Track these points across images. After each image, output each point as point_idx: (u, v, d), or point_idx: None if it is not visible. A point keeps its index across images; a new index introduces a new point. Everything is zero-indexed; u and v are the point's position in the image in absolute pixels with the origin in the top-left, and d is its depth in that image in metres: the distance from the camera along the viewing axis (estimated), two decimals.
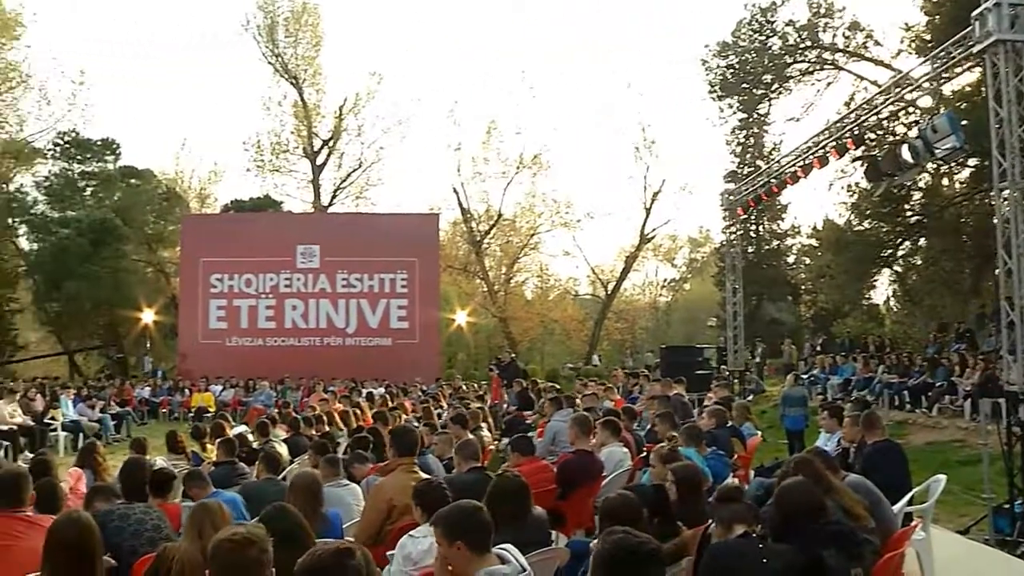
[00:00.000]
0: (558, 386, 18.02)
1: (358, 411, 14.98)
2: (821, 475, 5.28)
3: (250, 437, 12.15)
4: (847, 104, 28.86)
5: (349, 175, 43.41)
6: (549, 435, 10.79)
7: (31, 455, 15.04)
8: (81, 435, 17.94)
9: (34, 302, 40.60)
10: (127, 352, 37.00)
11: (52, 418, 18.29)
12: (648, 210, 41.40)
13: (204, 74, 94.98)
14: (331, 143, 42.79)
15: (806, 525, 4.56)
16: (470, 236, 42.68)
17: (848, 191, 30.57)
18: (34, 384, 22.11)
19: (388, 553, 5.24)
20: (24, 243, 40.95)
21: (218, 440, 9.89)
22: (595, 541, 3.51)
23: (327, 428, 12.64)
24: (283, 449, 10.95)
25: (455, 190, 41.73)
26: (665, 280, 55.66)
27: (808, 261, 41.66)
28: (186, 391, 25.72)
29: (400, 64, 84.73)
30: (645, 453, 8.82)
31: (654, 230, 42.60)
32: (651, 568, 3.07)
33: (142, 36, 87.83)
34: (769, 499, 5.25)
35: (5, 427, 16.35)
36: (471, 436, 11.00)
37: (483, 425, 12.89)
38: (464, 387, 23.34)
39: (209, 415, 20.09)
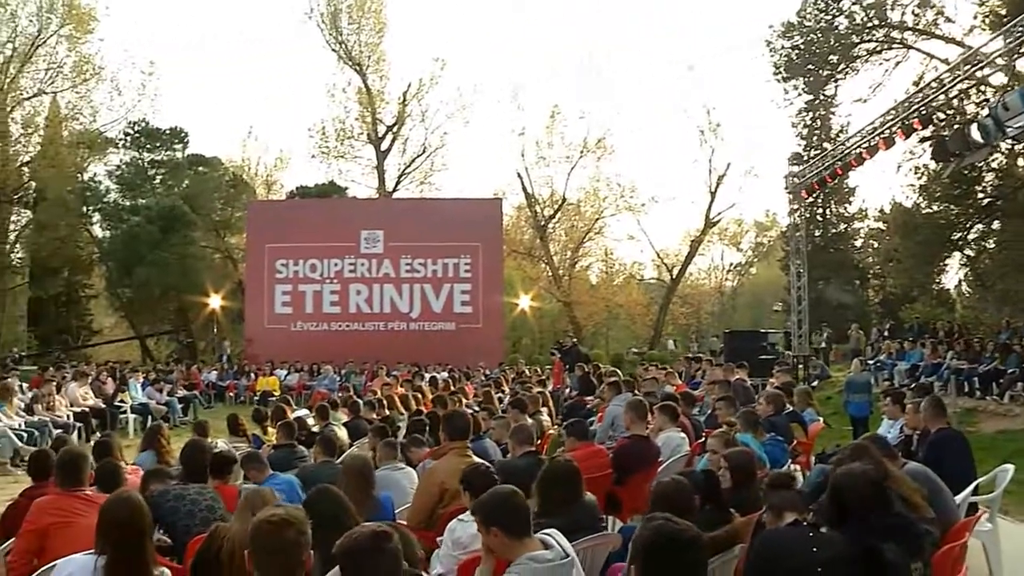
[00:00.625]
0: (619, 371, 17.86)
1: (419, 395, 15.02)
2: (878, 462, 5.11)
3: (311, 421, 12.26)
4: (916, 83, 28.15)
5: (413, 161, 43.58)
6: (608, 420, 10.68)
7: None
8: (149, 417, 18.25)
9: (107, 288, 41.63)
10: (196, 337, 37.58)
11: (122, 401, 18.64)
12: (713, 194, 41.05)
13: (270, 62, 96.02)
14: (395, 129, 42.93)
15: (864, 515, 4.38)
16: (534, 221, 42.60)
17: (916, 173, 29.92)
18: (105, 368, 22.53)
19: (439, 538, 5.22)
20: (98, 231, 42.01)
21: (278, 423, 9.94)
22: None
23: (387, 412, 12.66)
24: (343, 433, 11.02)
25: (519, 175, 41.77)
26: (731, 264, 55.19)
27: (876, 245, 40.91)
28: (252, 375, 26.01)
29: (463, 49, 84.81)
30: (704, 439, 8.69)
31: (719, 214, 42.24)
32: (691, 555, 2.99)
33: (209, 26, 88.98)
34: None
35: (78, 409, 16.73)
36: (530, 420, 11.03)
37: (543, 410, 12.84)
38: (527, 372, 23.29)
39: (274, 399, 20.27)
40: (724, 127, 41.47)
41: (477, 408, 12.52)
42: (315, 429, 11.22)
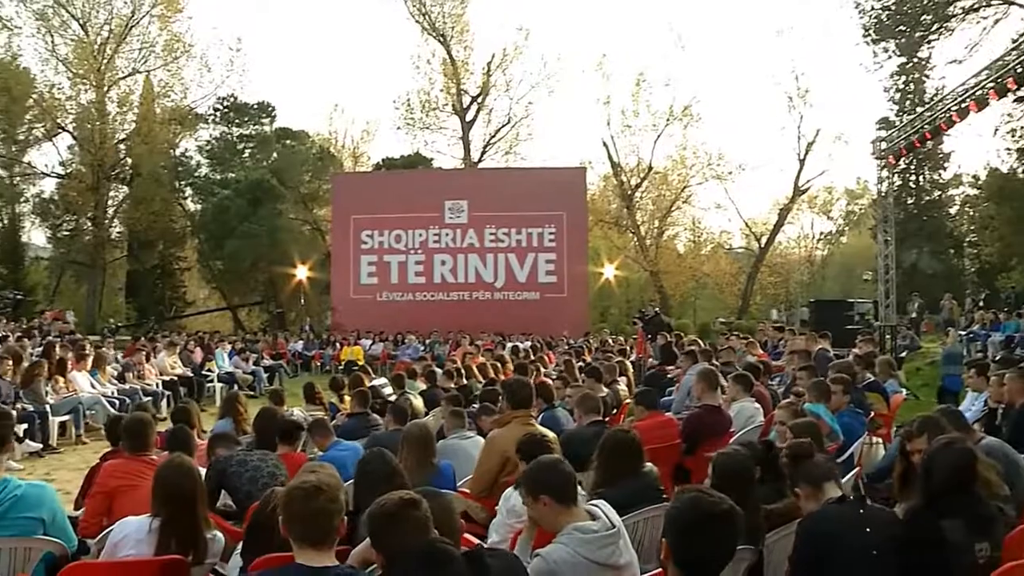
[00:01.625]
0: (699, 340, 17.62)
1: (498, 364, 15.02)
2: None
3: (387, 390, 12.36)
4: (1014, 41, 27.02)
5: (498, 131, 43.30)
6: (684, 390, 10.55)
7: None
8: (235, 386, 18.65)
9: (199, 260, 42.59)
10: (285, 307, 38.24)
11: (208, 370, 19.06)
12: (802, 161, 40.04)
13: (355, 36, 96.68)
14: (480, 99, 42.75)
15: (939, 495, 4.12)
16: (621, 190, 42.19)
17: (1014, 136, 28.78)
18: (193, 337, 23.05)
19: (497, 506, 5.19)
20: (190, 204, 42.99)
21: (353, 391, 10.02)
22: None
23: (465, 381, 12.68)
24: (418, 401, 11.06)
25: (605, 144, 41.32)
26: (821, 233, 54.01)
27: (971, 212, 39.62)
28: (337, 345, 26.31)
29: (547, 19, 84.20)
30: None
31: (808, 182, 41.18)
32: (724, 529, 2.87)
33: (295, 1, 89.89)
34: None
35: (166, 377, 17.17)
36: (605, 390, 10.94)
37: (620, 379, 12.72)
38: (610, 341, 23.13)
39: (357, 368, 20.51)
40: (813, 93, 40.19)
41: (555, 377, 12.49)
42: (392, 398, 11.34)
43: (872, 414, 8.44)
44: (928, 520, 3.95)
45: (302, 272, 34.70)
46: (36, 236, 45.09)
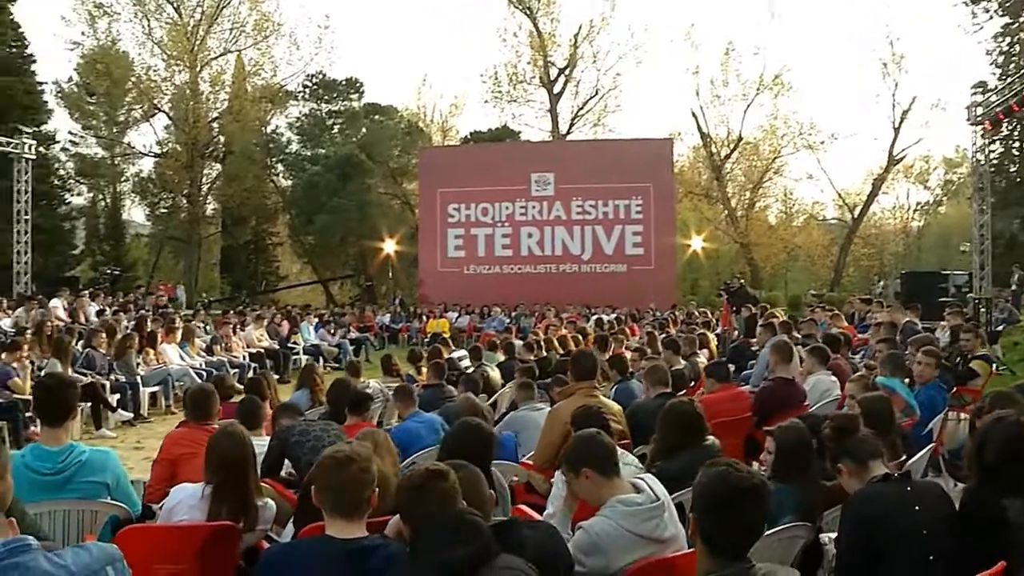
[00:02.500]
0: (779, 312, 17.31)
1: (580, 336, 14.98)
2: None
3: (466, 362, 12.43)
4: None
5: (586, 103, 42.99)
6: (762, 362, 10.34)
7: (275, 376, 16.12)
8: (321, 358, 18.98)
9: (291, 235, 43.34)
10: (375, 281, 38.72)
11: (294, 342, 19.40)
12: (897, 129, 38.96)
13: (442, 9, 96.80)
14: (567, 71, 42.47)
15: (997, 470, 3.93)
16: (710, 161, 41.64)
17: None
18: (281, 311, 23.46)
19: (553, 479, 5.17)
20: (281, 180, 43.69)
21: (430, 363, 10.09)
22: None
23: (545, 353, 12.67)
24: (496, 373, 11.12)
25: (693, 114, 40.77)
26: (917, 203, 52.52)
27: None
28: (424, 318, 26.51)
29: None
30: None
31: (904, 150, 40.10)
32: (751, 503, 2.76)
33: None
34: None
35: (253, 350, 17.53)
36: (683, 362, 10.84)
37: (701, 352, 12.59)
38: (696, 313, 22.90)
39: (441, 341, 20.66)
40: (909, 58, 38.98)
41: (634, 349, 12.41)
42: (470, 370, 11.42)
43: (955, 389, 8.17)
44: (988, 498, 3.75)
45: (390, 246, 35.02)
46: (136, 214, 46.62)
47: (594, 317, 21.89)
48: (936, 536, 3.66)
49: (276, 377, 15.09)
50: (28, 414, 10.61)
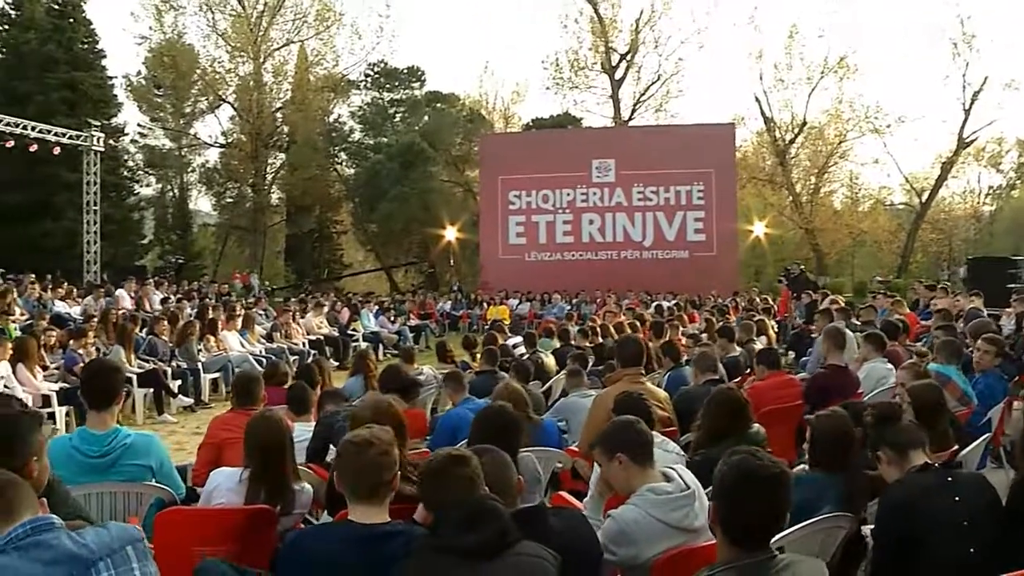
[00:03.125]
0: (838, 299, 17.02)
1: (637, 323, 14.90)
2: None
3: (521, 349, 12.44)
4: None
5: (648, 88, 42.66)
6: (818, 349, 10.21)
7: (335, 362, 16.34)
8: (380, 345, 19.13)
9: (354, 223, 43.70)
10: (437, 268, 38.93)
11: (354, 330, 19.58)
12: (967, 111, 38.04)
13: None
14: (629, 57, 42.17)
15: None
16: (774, 146, 41.11)
17: None
18: (341, 298, 23.69)
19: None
20: (344, 169, 44.09)
21: (483, 349, 10.13)
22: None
23: (602, 340, 12.62)
24: (550, 360, 11.11)
25: (757, 99, 40.27)
26: (990, 187, 51.16)
27: None
28: (484, 305, 26.58)
29: None
30: None
31: (975, 133, 39.13)
32: (770, 492, 2.71)
33: None
34: None
35: (313, 337, 17.73)
36: (739, 349, 10.74)
37: (758, 339, 12.45)
38: (757, 300, 22.66)
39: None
40: (980, 38, 38.02)
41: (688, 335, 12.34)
42: (524, 357, 11.42)
43: (1017, 377, 7.96)
44: None
45: (451, 233, 35.15)
46: (203, 203, 47.39)
47: (654, 304, 21.78)
48: (977, 527, 3.58)
49: (335, 364, 15.44)
50: None
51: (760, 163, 42.71)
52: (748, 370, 10.19)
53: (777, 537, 3.72)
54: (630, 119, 42.04)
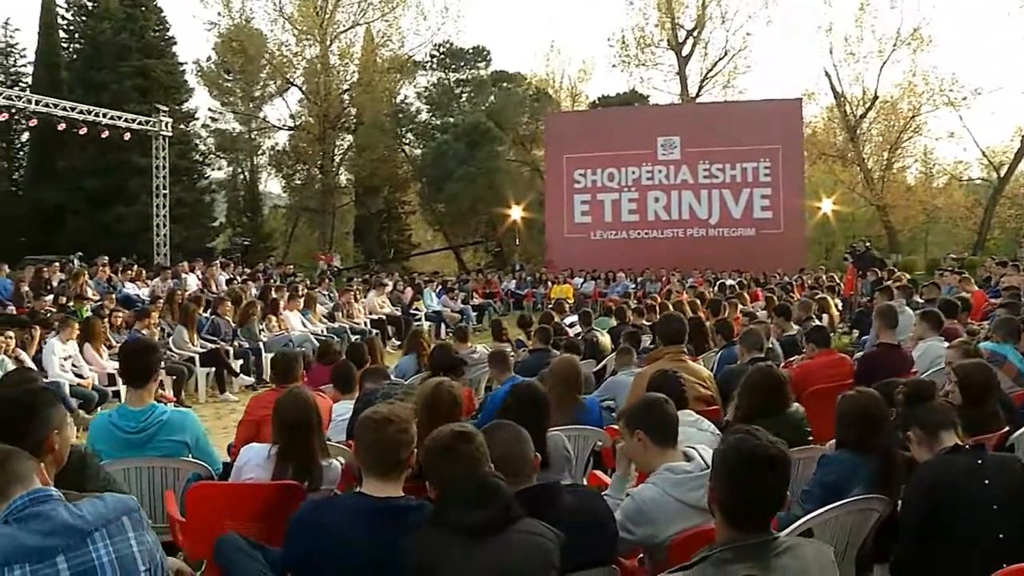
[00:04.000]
0: (902, 276, 16.71)
1: (697, 302, 14.78)
2: None
3: (578, 328, 12.43)
4: None
5: (715, 65, 42.31)
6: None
7: (397, 342, 16.51)
8: (442, 324, 19.25)
9: (421, 203, 43.94)
10: (504, 247, 39.03)
11: (416, 309, 19.71)
12: None
13: None
14: (695, 33, 41.78)
15: None
16: (844, 121, 40.35)
17: None
18: (404, 277, 23.86)
19: None
20: (411, 150, 44.37)
21: (537, 328, 10.14)
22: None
23: (658, 319, 12.54)
24: (605, 339, 11.08)
25: (827, 73, 39.54)
26: None
27: None
28: (548, 283, 26.53)
29: None
30: None
31: None
32: (768, 473, 2.63)
33: None
34: None
35: (375, 316, 17.90)
36: (795, 328, 10.60)
37: (820, 317, 12.29)
38: (824, 278, 22.33)
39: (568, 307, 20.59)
40: None
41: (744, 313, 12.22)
42: (580, 335, 11.41)
43: None
44: None
45: (516, 212, 35.17)
46: (273, 185, 48.14)
47: (718, 283, 21.60)
48: (1008, 511, 3.50)
49: (398, 344, 15.61)
50: None
51: (830, 139, 41.95)
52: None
53: (805, 519, 3.70)
54: (697, 96, 41.67)
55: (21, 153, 41.03)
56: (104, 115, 24.96)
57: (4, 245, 30.02)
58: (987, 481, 3.54)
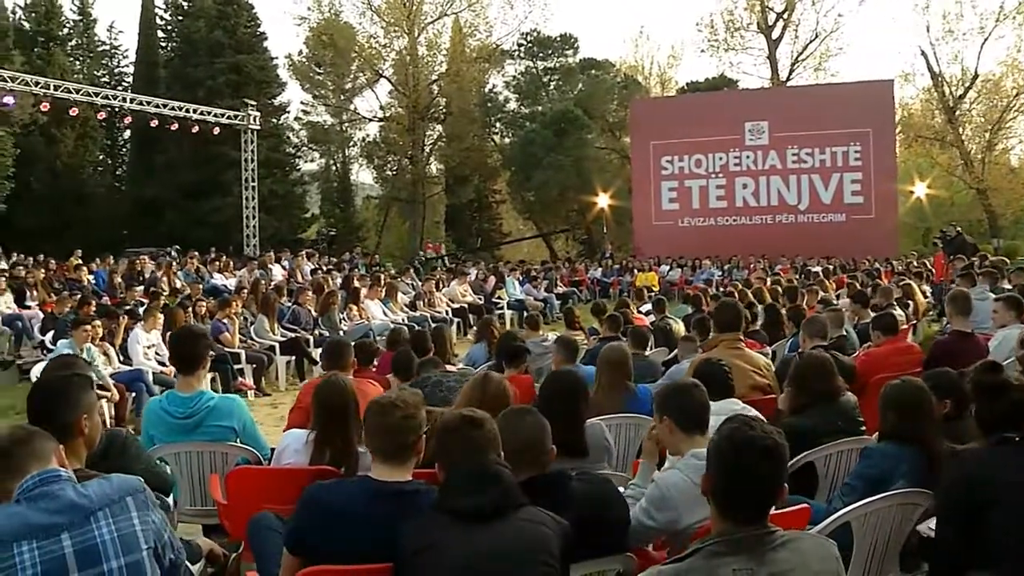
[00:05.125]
0: (995, 261, 16.13)
1: (777, 288, 14.61)
2: None
3: (652, 316, 12.39)
4: None
5: (806, 47, 41.42)
6: None
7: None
8: (525, 312, 19.29)
9: (511, 192, 44.10)
10: (593, 235, 38.97)
11: (499, 297, 19.82)
12: None
13: None
14: (786, 15, 40.96)
15: None
16: (942, 103, 39.11)
17: None
18: (488, 266, 24.00)
19: None
20: (500, 139, 44.61)
21: (607, 316, 10.15)
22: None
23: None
24: (678, 326, 11.04)
25: (923, 53, 38.37)
26: None
27: None
28: (635, 271, 26.41)
29: None
30: None
31: None
32: (763, 464, 2.57)
33: None
34: None
35: (456, 305, 18.08)
36: (872, 314, 10.39)
37: (906, 303, 12.05)
38: (915, 263, 21.80)
39: (653, 294, 20.45)
40: None
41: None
42: (655, 323, 11.38)
43: None
44: None
45: (604, 200, 35.03)
46: (364, 176, 48.82)
47: (805, 269, 21.27)
48: None
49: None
50: (238, 366, 11.53)
51: (928, 121, 40.72)
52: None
53: (842, 511, 3.66)
54: (788, 79, 40.85)
55: (123, 150, 42.55)
56: (194, 111, 25.69)
57: (108, 238, 31.21)
58: None
